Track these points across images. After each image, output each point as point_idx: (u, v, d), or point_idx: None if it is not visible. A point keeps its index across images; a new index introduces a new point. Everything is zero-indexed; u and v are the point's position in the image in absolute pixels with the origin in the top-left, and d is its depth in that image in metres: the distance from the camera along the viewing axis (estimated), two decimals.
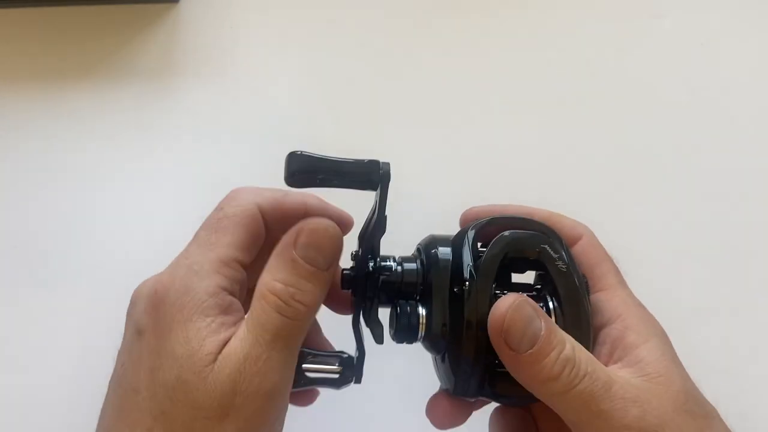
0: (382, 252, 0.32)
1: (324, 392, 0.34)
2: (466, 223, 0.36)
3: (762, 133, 0.55)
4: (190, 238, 0.49)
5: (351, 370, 0.31)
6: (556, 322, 0.30)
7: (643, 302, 0.33)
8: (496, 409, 0.36)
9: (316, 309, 0.30)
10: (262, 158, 0.55)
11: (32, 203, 0.53)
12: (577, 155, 0.55)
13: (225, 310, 0.29)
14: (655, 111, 0.56)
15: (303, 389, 0.31)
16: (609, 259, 0.35)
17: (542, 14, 0.59)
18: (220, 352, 0.27)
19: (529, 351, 0.28)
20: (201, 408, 0.27)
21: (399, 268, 0.32)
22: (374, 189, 0.31)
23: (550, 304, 0.31)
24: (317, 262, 0.29)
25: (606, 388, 0.28)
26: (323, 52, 0.58)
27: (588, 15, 0.59)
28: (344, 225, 0.34)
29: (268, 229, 0.32)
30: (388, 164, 0.30)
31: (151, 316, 0.29)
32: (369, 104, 0.56)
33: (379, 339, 0.32)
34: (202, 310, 0.28)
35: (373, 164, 0.30)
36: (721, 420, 0.30)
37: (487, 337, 0.29)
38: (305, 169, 0.31)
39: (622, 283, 0.34)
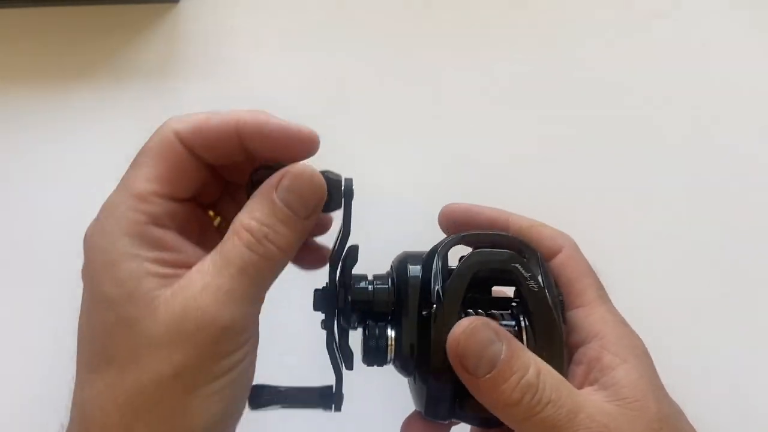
0: (362, 265, 0.32)
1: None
2: (444, 219, 0.35)
3: (762, 133, 0.55)
4: None
5: (329, 398, 0.31)
6: (527, 342, 0.29)
7: (636, 308, 0.33)
8: (472, 430, 0.35)
9: (288, 255, 0.28)
10: None
11: (32, 203, 0.53)
12: (574, 158, 0.55)
13: (157, 245, 0.27)
14: (654, 111, 0.56)
15: None
16: (590, 273, 0.33)
17: (541, 14, 0.59)
18: (165, 286, 0.26)
19: (488, 375, 0.27)
20: (147, 336, 0.25)
21: (371, 287, 0.32)
22: (339, 207, 0.31)
23: (522, 323, 0.30)
24: (296, 208, 0.28)
25: (570, 416, 0.27)
26: (323, 52, 0.58)
27: (587, 15, 0.59)
28: (308, 143, 0.33)
29: (196, 156, 0.30)
30: (350, 180, 0.31)
31: (86, 268, 0.28)
32: (369, 104, 0.56)
33: (349, 365, 0.31)
34: (126, 251, 0.27)
35: (336, 182, 0.31)
36: None
37: None
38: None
39: (603, 298, 0.32)
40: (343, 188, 0.31)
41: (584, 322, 0.31)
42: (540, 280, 0.30)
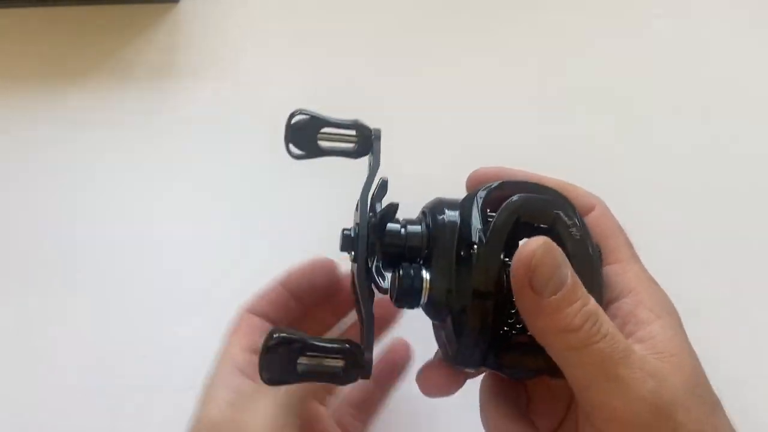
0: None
1: None
2: (473, 184, 0.34)
3: (763, 133, 0.55)
4: (189, 236, 0.50)
5: (355, 362, 0.28)
6: None
7: None
8: (488, 377, 0.34)
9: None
10: (262, 158, 0.55)
11: (32, 203, 0.53)
12: (575, 155, 0.55)
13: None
14: (654, 111, 0.56)
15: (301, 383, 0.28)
16: (622, 232, 0.33)
17: (541, 14, 0.59)
18: None
19: (553, 297, 0.26)
20: None
21: (403, 230, 0.31)
22: (367, 153, 0.32)
23: None
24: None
25: (626, 354, 0.27)
26: (324, 52, 0.58)
27: (587, 15, 0.59)
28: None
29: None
30: (378, 129, 0.32)
31: None
32: (370, 104, 0.56)
33: (383, 291, 0.30)
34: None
35: (365, 128, 0.32)
36: (724, 411, 0.30)
37: (495, 305, 0.28)
38: (306, 125, 0.32)
39: (635, 257, 0.32)
40: (372, 134, 0.32)
41: (619, 278, 0.31)
42: (582, 228, 0.30)
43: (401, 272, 0.29)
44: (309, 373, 0.28)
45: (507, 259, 0.29)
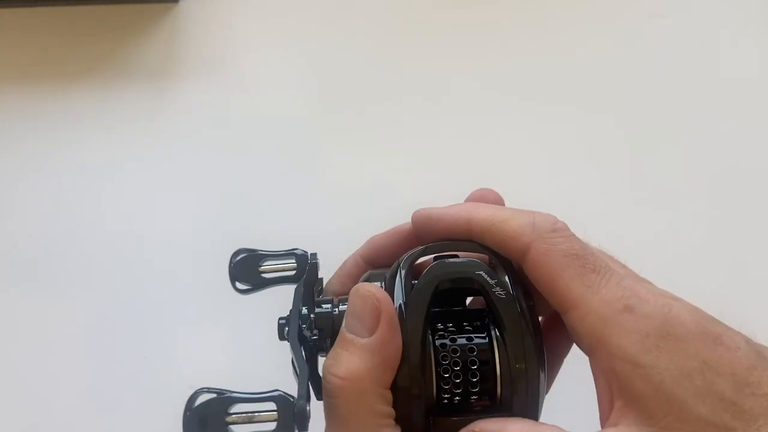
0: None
1: None
2: (417, 224, 0.32)
3: (762, 133, 0.55)
4: (188, 236, 0.49)
5: (292, 415, 0.26)
6: (498, 353, 0.27)
7: None
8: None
9: (360, 381, 0.26)
10: (261, 157, 0.55)
11: (32, 202, 0.53)
12: (575, 154, 0.55)
13: None
14: (654, 111, 0.56)
15: None
16: (569, 263, 0.27)
17: (542, 14, 0.59)
18: None
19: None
20: None
21: (336, 310, 0.30)
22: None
23: (493, 334, 0.27)
24: (353, 328, 0.27)
25: None
26: (323, 52, 0.58)
27: (588, 15, 0.59)
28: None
29: None
30: (315, 254, 0.33)
31: None
32: (370, 104, 0.56)
33: (319, 395, 0.28)
34: None
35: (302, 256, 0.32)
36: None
37: (422, 374, 0.27)
38: (248, 262, 0.32)
39: (593, 286, 0.26)
40: (309, 261, 0.32)
41: (581, 326, 0.26)
42: (509, 286, 0.28)
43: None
44: (241, 429, 0.27)
45: (432, 328, 0.28)
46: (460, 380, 0.27)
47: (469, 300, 0.31)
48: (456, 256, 0.29)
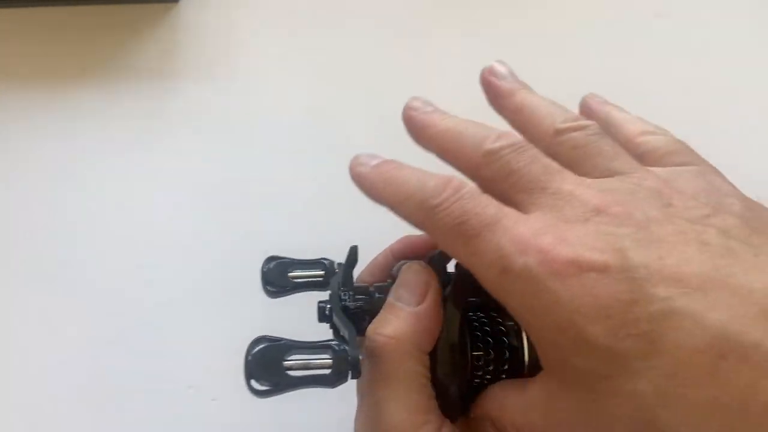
0: None
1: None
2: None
3: (763, 133, 0.55)
4: (188, 237, 0.49)
5: (346, 362, 0.28)
6: (527, 340, 0.29)
7: None
8: None
9: (403, 343, 0.28)
10: (262, 158, 0.55)
11: (32, 202, 0.53)
12: None
13: None
14: (654, 111, 0.56)
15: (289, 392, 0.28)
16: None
17: (541, 14, 0.59)
18: None
19: None
20: None
21: (376, 294, 0.32)
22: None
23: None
24: (402, 297, 0.29)
25: None
26: (324, 51, 0.58)
27: (588, 15, 0.59)
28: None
29: None
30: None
31: None
32: (370, 104, 0.56)
33: (356, 372, 0.29)
34: None
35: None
36: None
37: (459, 356, 0.29)
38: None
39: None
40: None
41: None
42: None
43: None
44: (298, 374, 0.28)
45: (472, 317, 0.30)
46: (492, 365, 0.29)
47: None
48: None
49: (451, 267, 0.31)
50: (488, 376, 0.29)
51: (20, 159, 0.54)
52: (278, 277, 0.36)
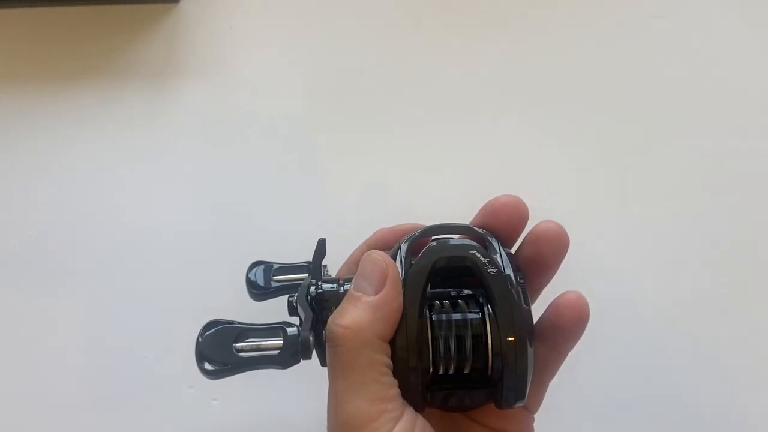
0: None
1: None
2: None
3: (762, 133, 0.55)
4: (188, 237, 0.49)
5: (295, 343, 0.29)
6: (491, 328, 0.29)
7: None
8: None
9: (362, 331, 0.28)
10: (262, 158, 0.55)
11: (32, 202, 0.53)
12: (575, 156, 0.55)
13: None
14: (654, 111, 0.56)
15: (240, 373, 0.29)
16: None
17: (541, 14, 0.59)
18: None
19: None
20: None
21: (341, 289, 0.32)
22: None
23: (486, 310, 0.29)
24: (360, 287, 0.29)
25: None
26: (324, 52, 0.58)
27: (588, 15, 0.59)
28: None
29: None
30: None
31: None
32: (370, 104, 0.56)
33: (323, 362, 0.30)
34: None
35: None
36: None
37: (419, 345, 0.29)
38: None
39: None
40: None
41: None
42: (500, 264, 0.30)
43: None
44: (249, 355, 0.29)
45: (429, 306, 0.30)
46: (454, 353, 0.29)
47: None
48: (452, 239, 0.32)
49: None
50: (451, 364, 0.29)
51: (19, 158, 0.54)
52: (262, 281, 0.37)
